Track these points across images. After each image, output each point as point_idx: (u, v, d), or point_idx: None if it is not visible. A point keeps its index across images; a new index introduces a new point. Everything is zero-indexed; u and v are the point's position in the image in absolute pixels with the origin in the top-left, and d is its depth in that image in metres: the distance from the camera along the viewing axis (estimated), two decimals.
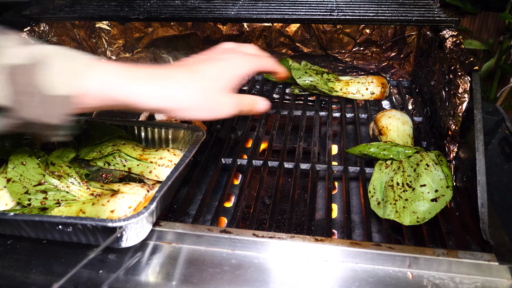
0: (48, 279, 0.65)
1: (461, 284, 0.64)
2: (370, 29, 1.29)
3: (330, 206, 0.80)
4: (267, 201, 1.04)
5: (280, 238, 0.68)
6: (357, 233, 0.80)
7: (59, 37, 1.27)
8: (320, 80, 1.18)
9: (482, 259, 0.65)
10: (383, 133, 0.97)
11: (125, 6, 1.22)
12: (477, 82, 0.80)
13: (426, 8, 1.11)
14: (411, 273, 0.66)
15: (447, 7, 2.16)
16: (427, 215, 0.74)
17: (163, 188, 0.67)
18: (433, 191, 0.78)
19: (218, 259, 0.68)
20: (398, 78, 1.37)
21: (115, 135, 0.88)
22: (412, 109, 1.24)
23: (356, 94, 1.18)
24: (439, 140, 0.97)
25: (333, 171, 0.90)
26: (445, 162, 0.84)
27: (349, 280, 0.65)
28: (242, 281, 0.64)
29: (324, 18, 1.06)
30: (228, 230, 0.70)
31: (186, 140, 0.89)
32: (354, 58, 1.35)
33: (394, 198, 0.77)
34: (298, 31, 1.33)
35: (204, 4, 1.20)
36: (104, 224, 0.59)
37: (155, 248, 0.72)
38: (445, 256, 0.65)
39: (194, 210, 0.83)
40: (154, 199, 0.64)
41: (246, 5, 1.17)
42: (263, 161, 0.93)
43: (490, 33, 2.23)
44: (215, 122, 1.13)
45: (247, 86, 1.37)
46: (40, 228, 0.63)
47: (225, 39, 1.39)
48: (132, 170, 0.86)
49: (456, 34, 0.99)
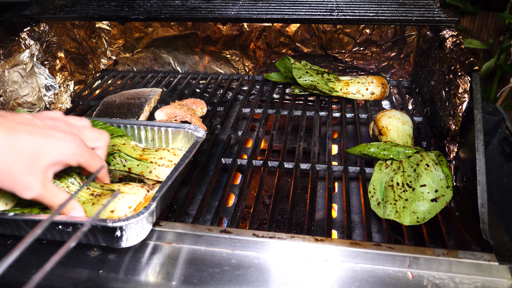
0: (48, 279, 0.65)
1: (461, 284, 0.64)
2: (370, 29, 1.29)
3: (330, 206, 0.80)
4: (267, 201, 1.04)
5: (280, 238, 0.68)
6: (357, 233, 0.80)
7: (59, 37, 1.27)
8: (320, 80, 1.18)
9: (482, 259, 0.65)
10: (383, 133, 0.97)
11: (125, 6, 1.22)
12: (477, 82, 0.80)
13: (426, 8, 1.11)
14: (411, 273, 0.66)
15: (447, 7, 2.16)
16: (427, 215, 0.74)
17: (163, 188, 0.67)
18: (433, 191, 0.78)
19: (218, 259, 0.68)
20: (398, 78, 1.37)
21: (115, 135, 0.88)
22: (412, 109, 1.24)
23: (356, 94, 1.18)
24: (439, 140, 0.97)
25: (333, 171, 0.90)
26: (445, 162, 0.84)
27: (349, 280, 0.64)
28: (242, 281, 0.64)
29: (324, 18, 1.06)
30: (228, 230, 0.70)
31: (186, 140, 0.89)
32: (354, 58, 1.35)
33: (394, 198, 0.77)
34: (298, 31, 1.33)
35: (204, 4, 1.20)
36: (104, 224, 0.59)
37: (155, 248, 0.72)
38: (445, 256, 0.65)
39: (194, 210, 0.83)
40: (154, 199, 0.64)
41: (246, 5, 1.17)
42: (263, 161, 0.93)
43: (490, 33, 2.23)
44: (215, 122, 1.13)
45: (247, 86, 1.37)
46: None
47: (225, 39, 1.39)
48: (132, 170, 0.86)
49: (456, 34, 0.99)
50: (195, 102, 1.17)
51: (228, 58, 1.43)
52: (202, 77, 1.43)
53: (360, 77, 1.20)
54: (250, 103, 1.28)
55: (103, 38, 1.47)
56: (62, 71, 1.27)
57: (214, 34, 1.38)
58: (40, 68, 1.16)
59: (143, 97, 1.17)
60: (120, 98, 1.17)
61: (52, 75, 1.21)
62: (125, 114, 1.08)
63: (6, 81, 1.05)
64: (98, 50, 1.47)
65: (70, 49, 1.33)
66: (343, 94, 1.19)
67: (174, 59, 1.48)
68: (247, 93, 1.29)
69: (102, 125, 0.89)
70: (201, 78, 1.43)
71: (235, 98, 1.32)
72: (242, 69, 1.44)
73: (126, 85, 1.41)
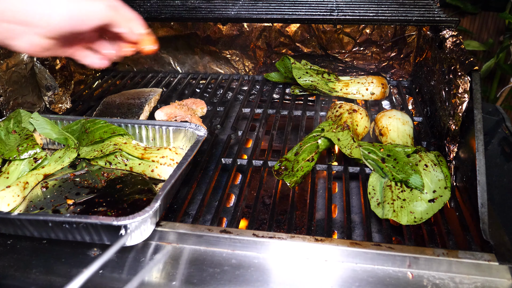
0: (48, 279, 0.65)
1: (461, 284, 0.64)
2: (370, 29, 1.29)
3: (330, 206, 0.80)
4: (267, 201, 1.04)
5: (280, 238, 0.68)
6: (357, 233, 0.80)
7: None
8: (320, 80, 1.18)
9: (482, 259, 0.65)
10: (383, 133, 0.97)
11: None
12: (477, 82, 0.80)
13: (426, 8, 1.11)
14: (411, 273, 0.66)
15: (447, 7, 2.16)
16: (425, 215, 0.75)
17: (167, 187, 0.67)
18: (431, 192, 0.78)
19: (218, 259, 0.68)
20: (398, 78, 1.37)
21: (117, 134, 0.88)
22: (412, 109, 1.24)
23: (356, 95, 1.18)
24: (439, 140, 0.97)
25: (333, 171, 0.90)
26: (444, 162, 0.84)
27: (349, 280, 0.65)
28: (242, 281, 0.64)
29: (324, 18, 1.06)
30: (228, 230, 0.70)
31: (187, 139, 0.89)
32: (354, 58, 1.35)
33: (392, 198, 0.77)
34: (298, 31, 1.33)
35: (204, 4, 1.20)
36: (109, 223, 0.59)
37: (156, 248, 0.72)
38: (445, 256, 0.65)
39: (194, 210, 0.83)
40: (158, 198, 0.64)
41: (246, 5, 1.17)
42: (263, 161, 0.93)
43: (490, 33, 2.23)
44: (215, 122, 1.13)
45: (247, 86, 1.37)
46: (43, 227, 0.63)
47: (225, 39, 1.39)
48: (134, 169, 0.86)
49: (456, 34, 0.99)
50: (195, 102, 1.17)
51: (228, 58, 1.43)
52: (202, 77, 1.43)
53: (360, 77, 1.20)
54: (250, 103, 1.28)
55: None
56: (62, 71, 1.27)
57: (214, 34, 1.38)
58: (40, 68, 1.16)
59: (143, 97, 1.17)
60: (120, 98, 1.17)
61: (52, 75, 1.21)
62: (125, 114, 1.08)
63: (6, 81, 1.05)
64: None
65: None
66: (343, 95, 1.19)
67: (174, 59, 1.48)
68: (247, 93, 1.29)
69: (104, 123, 0.90)
70: (201, 78, 1.43)
71: (235, 98, 1.32)
72: (242, 69, 1.44)
73: (126, 85, 1.41)
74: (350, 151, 0.85)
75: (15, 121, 0.92)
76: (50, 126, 0.94)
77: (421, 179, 0.78)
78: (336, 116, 1.01)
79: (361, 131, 1.00)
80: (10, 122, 0.92)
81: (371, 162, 0.86)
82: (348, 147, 0.85)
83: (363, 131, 1.00)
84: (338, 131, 0.87)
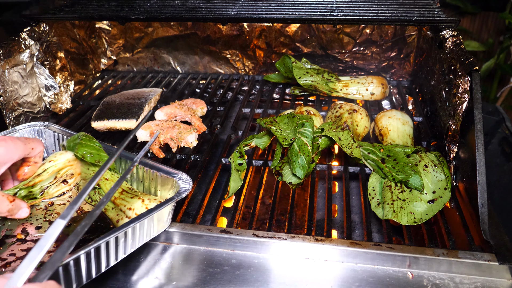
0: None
1: (461, 284, 0.64)
2: (370, 29, 1.29)
3: (330, 206, 0.80)
4: (267, 201, 1.04)
5: (280, 238, 0.68)
6: (357, 233, 0.80)
7: (59, 37, 1.27)
8: (320, 80, 1.18)
9: (482, 259, 0.65)
10: (383, 133, 0.97)
11: (125, 6, 1.22)
12: (477, 82, 0.80)
13: (426, 8, 1.11)
14: (411, 273, 0.66)
15: (447, 7, 2.16)
16: (424, 216, 0.74)
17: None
18: (431, 192, 0.78)
19: (218, 259, 0.68)
20: (398, 78, 1.37)
21: (98, 165, 0.79)
22: (412, 109, 1.24)
23: (356, 95, 1.18)
24: (439, 140, 0.97)
25: (333, 171, 0.90)
26: (445, 163, 0.84)
27: (349, 280, 0.65)
28: (242, 281, 0.64)
29: (324, 18, 1.06)
30: (228, 230, 0.70)
31: (174, 191, 0.77)
32: (354, 58, 1.35)
33: (392, 198, 0.77)
34: (298, 31, 1.33)
35: (204, 4, 1.20)
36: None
37: (156, 248, 0.72)
38: (445, 256, 0.65)
39: (194, 210, 0.83)
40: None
41: (246, 5, 1.17)
42: (263, 161, 0.93)
43: (490, 33, 2.23)
44: (215, 122, 1.13)
45: (247, 86, 1.37)
46: None
47: (225, 39, 1.39)
48: (107, 212, 0.76)
49: (456, 34, 0.99)
50: (195, 102, 1.17)
51: (228, 58, 1.43)
52: (202, 77, 1.43)
53: (360, 78, 1.20)
54: (250, 103, 1.28)
55: (103, 38, 1.47)
56: (62, 71, 1.27)
57: (214, 34, 1.38)
58: (40, 68, 1.16)
59: (143, 97, 1.17)
60: (120, 98, 1.17)
61: (52, 75, 1.21)
62: (125, 114, 1.08)
63: (6, 81, 1.05)
64: (98, 50, 1.47)
65: (70, 49, 1.33)
66: (343, 95, 1.19)
67: (174, 59, 1.48)
68: (247, 93, 1.29)
69: (98, 148, 0.81)
70: (201, 78, 1.43)
71: (235, 98, 1.32)
72: (242, 69, 1.44)
73: (126, 85, 1.41)
74: (351, 150, 0.85)
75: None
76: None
77: (420, 179, 0.78)
78: (336, 116, 1.01)
79: (361, 131, 1.00)
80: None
81: (371, 163, 0.86)
82: (349, 146, 0.85)
83: (363, 131, 1.00)
84: (338, 131, 0.87)
